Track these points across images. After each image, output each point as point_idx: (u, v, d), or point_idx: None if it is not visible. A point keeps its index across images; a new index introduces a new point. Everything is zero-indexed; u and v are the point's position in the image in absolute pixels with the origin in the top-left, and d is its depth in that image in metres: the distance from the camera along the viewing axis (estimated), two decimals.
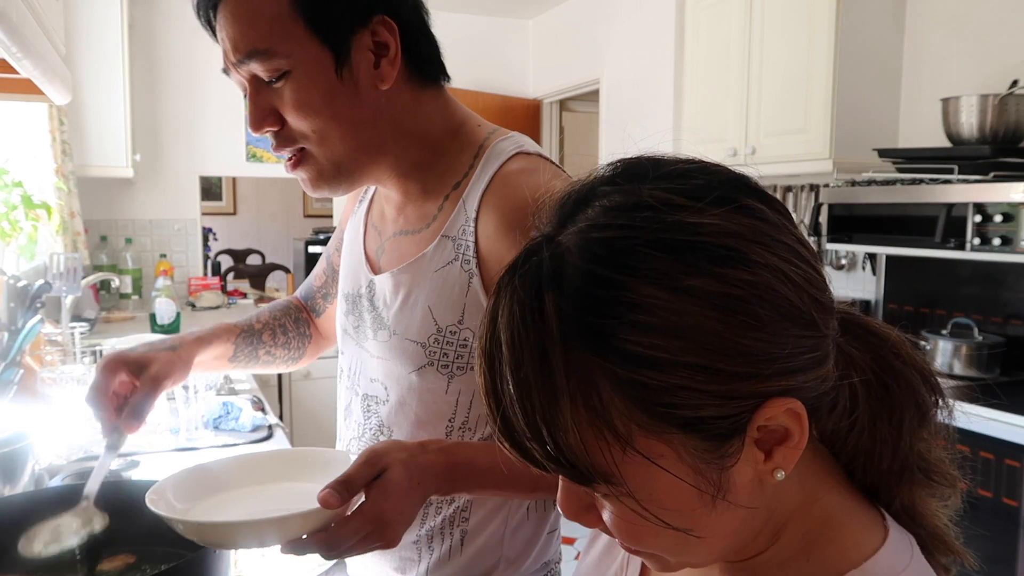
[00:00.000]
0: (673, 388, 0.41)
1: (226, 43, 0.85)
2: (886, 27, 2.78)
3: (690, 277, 0.42)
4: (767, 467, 0.46)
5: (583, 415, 0.42)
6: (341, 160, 0.88)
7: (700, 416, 0.42)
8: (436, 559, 0.96)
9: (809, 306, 0.45)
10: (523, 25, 4.81)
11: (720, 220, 0.43)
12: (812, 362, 0.45)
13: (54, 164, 3.22)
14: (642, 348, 0.41)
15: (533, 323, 0.43)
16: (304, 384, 3.85)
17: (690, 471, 0.44)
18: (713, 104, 3.20)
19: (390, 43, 0.86)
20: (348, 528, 0.72)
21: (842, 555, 0.48)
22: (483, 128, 0.96)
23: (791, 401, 0.44)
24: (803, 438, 0.45)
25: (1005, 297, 2.49)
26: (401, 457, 0.76)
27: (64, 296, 2.41)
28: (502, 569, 0.97)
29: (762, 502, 0.48)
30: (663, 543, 0.48)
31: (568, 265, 0.43)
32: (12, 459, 1.06)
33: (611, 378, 0.42)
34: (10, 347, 1.67)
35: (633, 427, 0.42)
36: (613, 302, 0.42)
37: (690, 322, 0.41)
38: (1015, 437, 1.88)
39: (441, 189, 0.94)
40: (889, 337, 0.52)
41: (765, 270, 0.43)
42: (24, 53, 1.35)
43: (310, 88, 0.84)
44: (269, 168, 4.31)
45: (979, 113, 2.35)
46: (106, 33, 3.42)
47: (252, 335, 1.11)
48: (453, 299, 0.89)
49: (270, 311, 1.17)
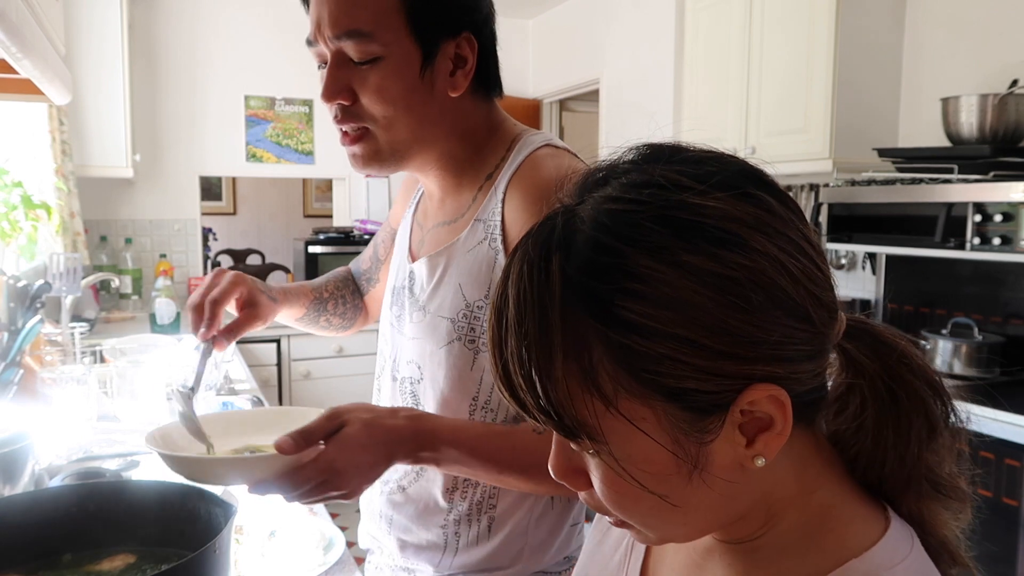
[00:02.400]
0: (659, 357, 0.44)
1: (323, 15, 0.90)
2: (886, 27, 2.78)
3: (687, 254, 0.44)
4: (748, 453, 0.47)
5: (574, 372, 0.45)
6: (399, 147, 0.95)
7: (683, 387, 0.44)
8: (464, 545, 0.99)
9: (805, 300, 0.46)
10: (523, 25, 4.81)
11: (724, 205, 0.45)
12: (803, 355, 0.46)
13: (54, 164, 3.22)
14: (634, 315, 0.43)
15: (538, 282, 0.45)
16: (304, 384, 3.85)
17: (669, 439, 0.46)
18: (713, 104, 3.20)
19: (469, 58, 0.95)
20: (303, 474, 0.79)
21: (842, 544, 0.49)
22: (517, 127, 1.05)
23: (775, 388, 0.45)
24: (786, 427, 0.46)
25: (1005, 297, 2.50)
26: (363, 416, 0.83)
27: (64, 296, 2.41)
28: (527, 557, 1.00)
29: (746, 486, 0.49)
30: (642, 509, 0.49)
31: (578, 232, 0.46)
32: (12, 459, 1.06)
33: (603, 340, 0.44)
34: (10, 347, 1.67)
35: (619, 389, 0.45)
36: (612, 269, 0.44)
37: (681, 296, 0.43)
38: (1015, 437, 1.89)
39: (476, 181, 1.01)
40: (898, 346, 0.53)
41: (763, 258, 0.45)
42: (24, 53, 1.35)
43: (395, 79, 0.91)
44: (269, 168, 4.31)
45: (979, 113, 2.35)
46: (106, 33, 3.42)
47: (320, 302, 1.23)
48: (481, 276, 0.95)
49: (335, 281, 1.28)
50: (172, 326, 3.26)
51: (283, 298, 1.13)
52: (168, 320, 3.28)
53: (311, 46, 0.94)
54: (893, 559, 0.48)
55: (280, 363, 3.87)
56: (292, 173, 4.40)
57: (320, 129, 4.34)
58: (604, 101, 4.12)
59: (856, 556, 0.48)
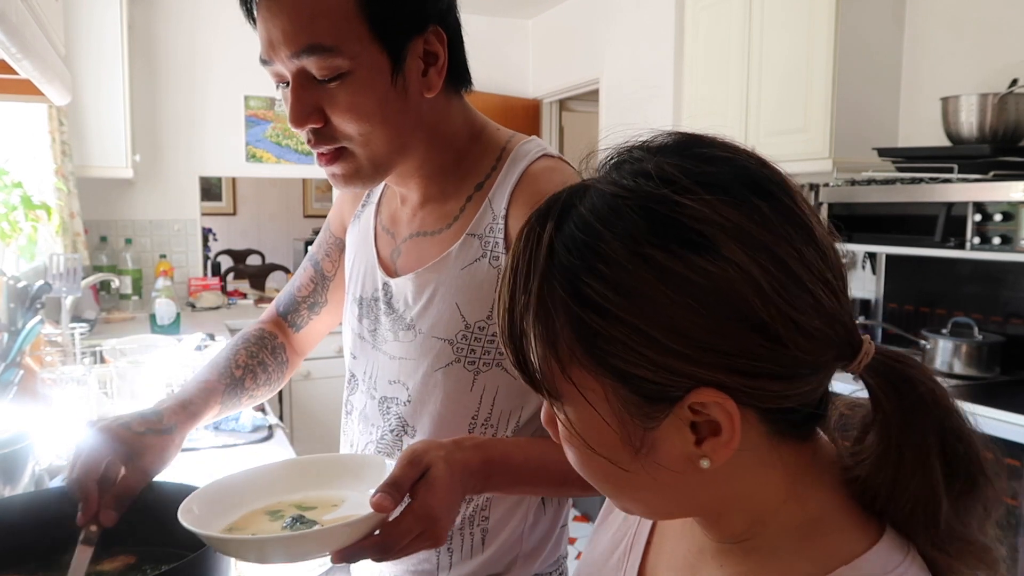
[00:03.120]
0: (611, 338, 0.45)
1: (275, 33, 0.82)
2: (886, 26, 2.78)
3: (653, 248, 0.45)
4: (696, 452, 0.47)
5: (541, 334, 0.48)
6: (380, 161, 0.89)
7: (631, 372, 0.46)
8: (458, 558, 0.96)
9: (775, 319, 0.44)
10: (523, 25, 4.81)
11: (704, 207, 0.45)
12: (765, 372, 0.45)
13: (54, 165, 3.22)
14: (594, 294, 0.45)
15: (528, 247, 0.49)
16: (304, 384, 3.85)
17: (614, 416, 0.48)
18: (713, 103, 3.20)
19: (439, 53, 0.88)
20: (401, 528, 0.72)
21: (833, 551, 0.49)
22: (502, 132, 0.99)
23: (724, 398, 0.45)
24: (734, 438, 0.46)
25: (1005, 296, 2.49)
26: (441, 454, 0.76)
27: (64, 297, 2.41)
28: (520, 565, 0.98)
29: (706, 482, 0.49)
30: (594, 470, 0.51)
31: (575, 208, 0.49)
32: (12, 460, 1.06)
33: (567, 311, 0.47)
34: (10, 348, 1.67)
35: (574, 358, 0.47)
36: (586, 247, 0.46)
37: (639, 287, 0.45)
38: (1015, 436, 1.88)
39: (463, 190, 0.95)
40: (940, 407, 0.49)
41: (732, 267, 0.44)
42: (24, 54, 1.35)
43: (366, 92, 0.83)
44: (269, 168, 4.31)
45: (979, 112, 2.35)
46: (106, 33, 3.42)
47: (235, 387, 1.05)
48: (481, 295, 0.91)
49: (246, 348, 1.10)
50: (172, 326, 3.26)
51: (187, 423, 0.93)
52: (168, 320, 3.28)
53: (266, 65, 0.86)
54: (885, 568, 0.48)
55: None
56: (292, 173, 4.40)
57: None
58: (604, 101, 4.12)
59: (846, 563, 0.48)
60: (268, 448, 1.76)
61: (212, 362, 1.07)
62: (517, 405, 0.93)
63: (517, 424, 0.94)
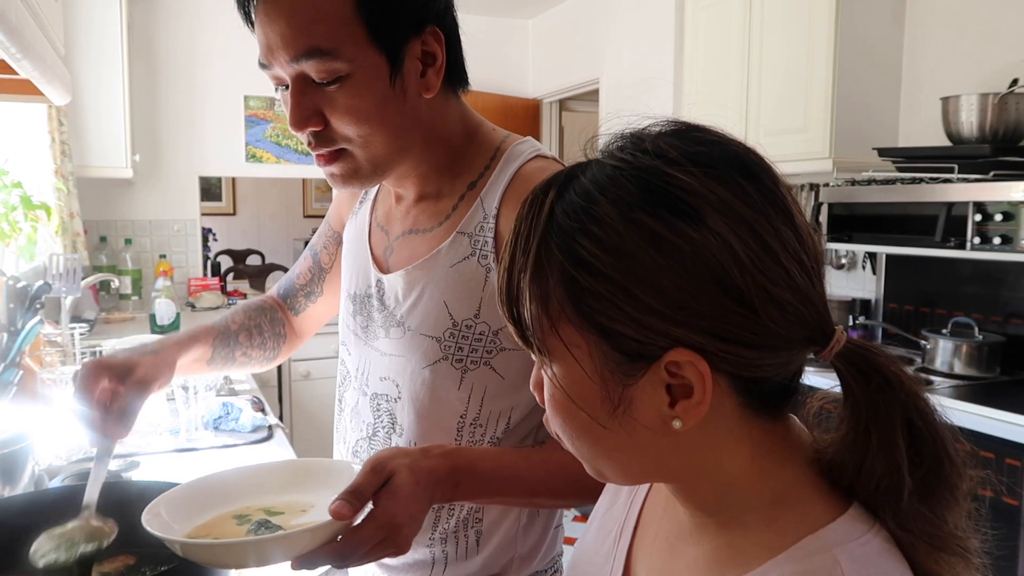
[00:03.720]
0: (599, 295, 0.49)
1: (274, 38, 0.82)
2: (886, 26, 2.78)
3: (643, 213, 0.48)
4: (669, 413, 0.50)
5: (536, 292, 0.52)
6: (379, 162, 0.89)
7: (614, 328, 0.49)
8: (453, 561, 0.96)
9: (750, 288, 0.48)
10: (523, 25, 4.81)
11: (693, 180, 0.49)
12: (740, 340, 0.48)
13: (53, 165, 3.22)
14: (585, 253, 0.49)
15: (531, 212, 0.53)
16: (304, 384, 3.85)
17: (596, 372, 0.51)
18: (713, 104, 3.20)
19: (437, 53, 0.88)
20: (360, 536, 0.72)
21: (799, 522, 0.51)
22: (497, 132, 0.99)
23: (698, 358, 0.48)
24: (704, 400, 0.49)
25: (1005, 296, 2.50)
26: (405, 462, 0.76)
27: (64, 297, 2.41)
28: (516, 567, 0.98)
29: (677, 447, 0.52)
30: (574, 426, 0.54)
31: (577, 179, 0.52)
32: (12, 460, 1.06)
33: (560, 270, 0.50)
34: (10, 348, 1.67)
35: (563, 315, 0.51)
36: (581, 211, 0.50)
37: (627, 247, 0.48)
38: (1015, 436, 1.89)
39: (456, 189, 0.96)
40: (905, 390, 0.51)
41: (713, 236, 0.48)
42: (23, 54, 1.35)
43: (365, 95, 0.84)
44: (269, 168, 4.31)
45: (979, 112, 2.35)
46: (105, 33, 3.42)
47: (228, 337, 1.09)
48: (469, 293, 0.91)
49: (244, 311, 1.15)
50: (172, 327, 3.26)
51: (174, 347, 0.97)
52: (168, 321, 3.28)
53: (265, 69, 0.86)
54: (848, 536, 0.50)
55: (280, 363, 3.87)
56: (292, 173, 4.40)
57: None
58: (604, 101, 4.12)
59: (811, 532, 0.50)
60: (268, 448, 1.76)
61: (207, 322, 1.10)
62: (507, 406, 0.93)
63: (507, 426, 0.94)
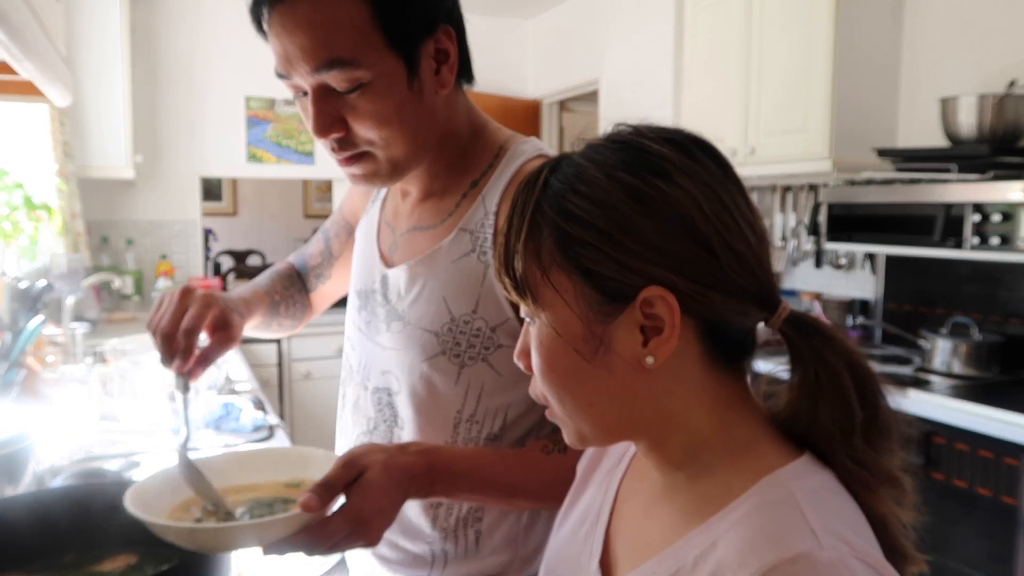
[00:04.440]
0: (584, 242, 0.57)
1: (292, 50, 0.83)
2: (885, 27, 2.79)
3: (623, 172, 0.58)
4: (643, 352, 0.58)
5: (529, 248, 0.60)
6: (399, 161, 0.91)
7: (597, 270, 0.57)
8: (452, 559, 0.97)
9: (712, 235, 0.57)
10: (523, 25, 4.81)
11: (665, 149, 0.59)
12: (706, 281, 0.57)
13: (55, 165, 3.23)
14: (573, 207, 0.58)
15: (528, 186, 0.62)
16: (304, 384, 3.86)
17: (581, 312, 0.59)
18: (712, 104, 3.20)
19: (450, 50, 0.90)
20: (329, 528, 0.74)
21: (758, 466, 0.59)
22: (502, 132, 1.01)
23: (668, 294, 0.56)
24: (673, 335, 0.57)
25: (1004, 296, 2.50)
26: (380, 458, 0.78)
27: (65, 297, 2.42)
28: (517, 567, 0.98)
29: (648, 391, 0.59)
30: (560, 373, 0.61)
31: (569, 156, 0.62)
32: (14, 460, 1.06)
33: (551, 225, 0.59)
34: (12, 348, 1.68)
35: (553, 262, 0.59)
36: (573, 176, 0.60)
37: (609, 199, 0.57)
38: (1014, 436, 1.89)
39: (459, 187, 0.97)
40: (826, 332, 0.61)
41: (681, 191, 0.57)
42: (25, 54, 1.36)
43: (386, 100, 0.86)
44: (269, 169, 4.32)
45: (978, 113, 2.35)
46: (107, 34, 3.43)
47: (274, 307, 1.16)
48: (468, 289, 0.92)
49: (281, 281, 1.19)
50: None
51: (248, 311, 1.04)
52: None
53: (283, 79, 0.88)
54: (801, 475, 0.57)
55: (280, 363, 3.88)
56: (292, 174, 4.41)
57: None
58: (604, 101, 4.12)
59: (769, 473, 0.57)
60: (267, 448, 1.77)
61: (256, 283, 1.16)
62: (503, 403, 0.94)
63: (504, 422, 0.94)
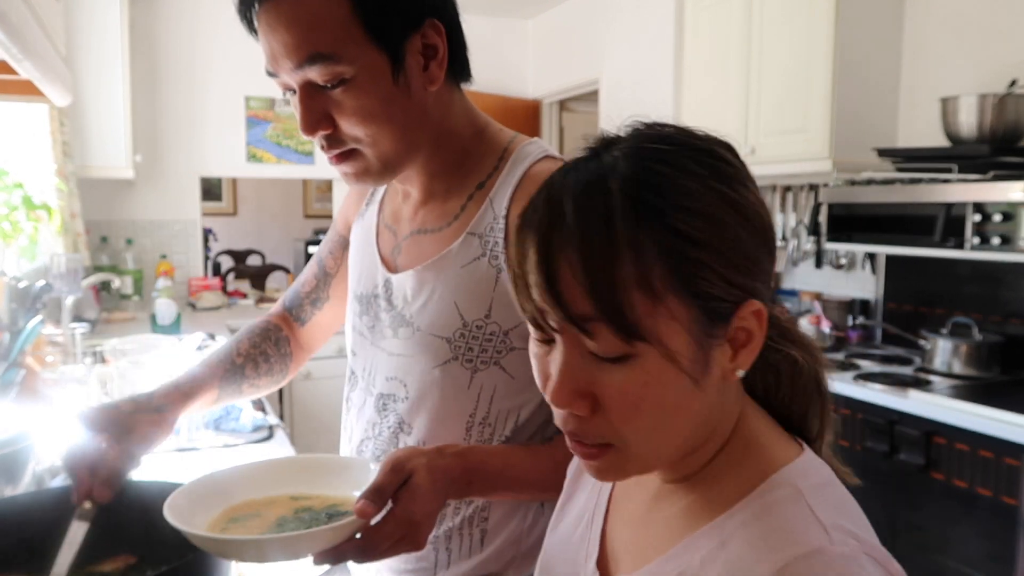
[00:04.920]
0: (699, 262, 0.53)
1: (277, 47, 0.84)
2: (885, 27, 2.79)
3: (716, 183, 0.55)
4: (731, 365, 0.56)
5: (632, 273, 0.52)
6: (388, 159, 0.90)
7: (710, 292, 0.53)
8: (456, 557, 0.97)
9: (772, 236, 0.58)
10: (523, 25, 4.81)
11: (728, 154, 0.58)
12: (768, 282, 0.57)
13: (55, 165, 3.23)
14: (686, 227, 0.52)
15: (601, 198, 0.53)
16: (304, 384, 3.86)
17: (696, 337, 0.54)
18: (712, 104, 3.20)
19: (439, 45, 0.88)
20: (382, 533, 0.75)
21: (764, 464, 0.58)
22: (505, 133, 1.00)
23: (760, 304, 0.55)
24: (761, 341, 0.56)
25: (1004, 296, 2.50)
26: (423, 461, 0.79)
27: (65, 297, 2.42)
28: (517, 564, 0.98)
29: (717, 405, 0.58)
30: (657, 413, 0.55)
31: (622, 163, 0.55)
32: (13, 460, 1.06)
33: (658, 246, 0.52)
34: (11, 348, 1.67)
35: (667, 288, 0.52)
36: (668, 188, 0.53)
37: (719, 215, 0.54)
38: (1014, 436, 1.89)
39: (464, 189, 0.96)
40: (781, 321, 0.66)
41: (754, 197, 0.57)
42: (24, 54, 1.36)
43: (370, 94, 0.85)
44: (269, 168, 4.32)
45: (978, 112, 2.35)
46: (106, 34, 3.43)
47: (235, 373, 1.09)
48: (480, 294, 0.91)
49: (249, 338, 1.13)
50: (172, 327, 3.27)
51: (179, 403, 0.97)
52: (168, 321, 3.28)
53: (272, 77, 0.87)
54: (808, 470, 0.58)
55: None
56: (292, 174, 4.41)
57: None
58: (604, 101, 4.12)
59: (775, 471, 0.57)
60: (268, 448, 1.77)
61: (214, 351, 1.10)
62: (515, 405, 0.94)
63: (516, 424, 0.94)
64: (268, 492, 0.84)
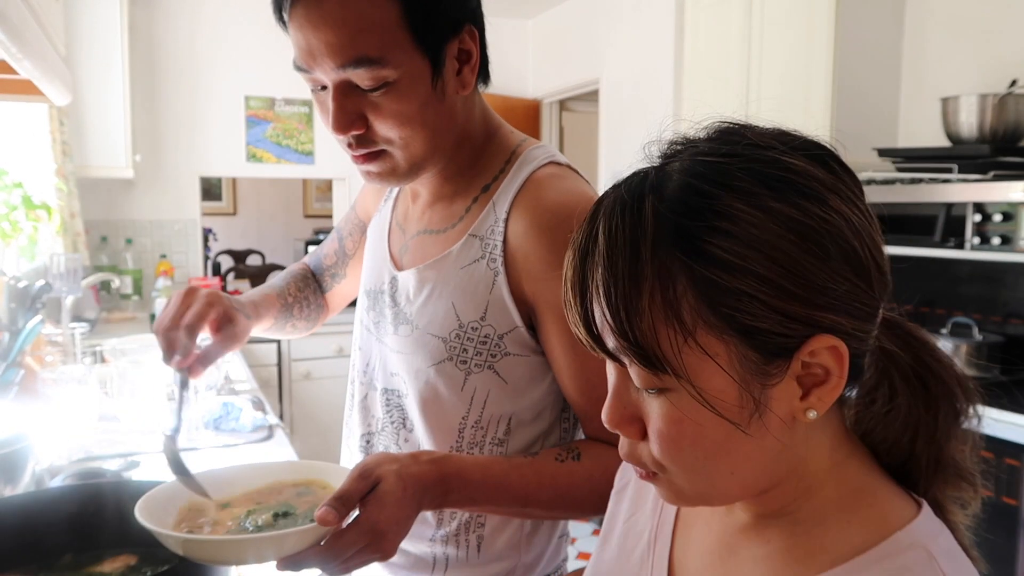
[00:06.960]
0: (740, 293, 0.46)
1: (318, 45, 0.81)
2: (886, 26, 2.78)
3: (774, 200, 0.48)
4: (801, 405, 0.50)
5: (658, 304, 0.47)
6: (417, 161, 0.90)
7: (757, 326, 0.47)
8: (454, 564, 0.97)
9: (869, 262, 0.50)
10: (523, 25, 4.81)
11: (807, 165, 0.50)
12: (861, 312, 0.50)
13: (54, 165, 3.23)
14: (721, 251, 0.47)
15: (631, 220, 0.49)
16: (304, 384, 3.86)
17: (737, 378, 0.48)
18: (713, 104, 3.18)
19: (473, 51, 0.89)
20: (344, 541, 0.73)
21: (883, 519, 0.52)
22: (515, 135, 0.99)
23: (837, 340, 0.48)
24: (841, 381, 0.49)
25: (1004, 296, 2.50)
26: (393, 468, 0.77)
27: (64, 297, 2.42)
28: (519, 574, 0.98)
29: (790, 446, 0.51)
30: (697, 452, 0.50)
31: (670, 179, 0.50)
32: (13, 460, 1.06)
33: (688, 274, 0.47)
34: (11, 348, 1.67)
35: (699, 321, 0.47)
36: (704, 209, 0.47)
37: (767, 237, 0.47)
38: (1015, 436, 1.89)
39: (470, 191, 0.96)
40: (927, 340, 0.58)
41: (838, 216, 0.49)
42: (24, 54, 1.36)
43: (409, 99, 0.84)
44: (269, 168, 4.31)
45: (979, 112, 2.35)
46: (106, 34, 3.43)
47: (287, 309, 1.17)
48: (477, 296, 0.91)
49: (295, 283, 1.21)
50: None
51: (255, 313, 1.04)
52: None
53: (302, 72, 0.86)
54: (933, 531, 0.52)
55: (280, 363, 3.87)
56: (292, 173, 4.40)
57: (320, 130, 4.34)
58: (604, 101, 4.12)
59: (900, 528, 0.51)
60: (268, 448, 1.77)
61: (269, 285, 1.17)
62: (508, 411, 0.94)
63: (508, 428, 0.94)
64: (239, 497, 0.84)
